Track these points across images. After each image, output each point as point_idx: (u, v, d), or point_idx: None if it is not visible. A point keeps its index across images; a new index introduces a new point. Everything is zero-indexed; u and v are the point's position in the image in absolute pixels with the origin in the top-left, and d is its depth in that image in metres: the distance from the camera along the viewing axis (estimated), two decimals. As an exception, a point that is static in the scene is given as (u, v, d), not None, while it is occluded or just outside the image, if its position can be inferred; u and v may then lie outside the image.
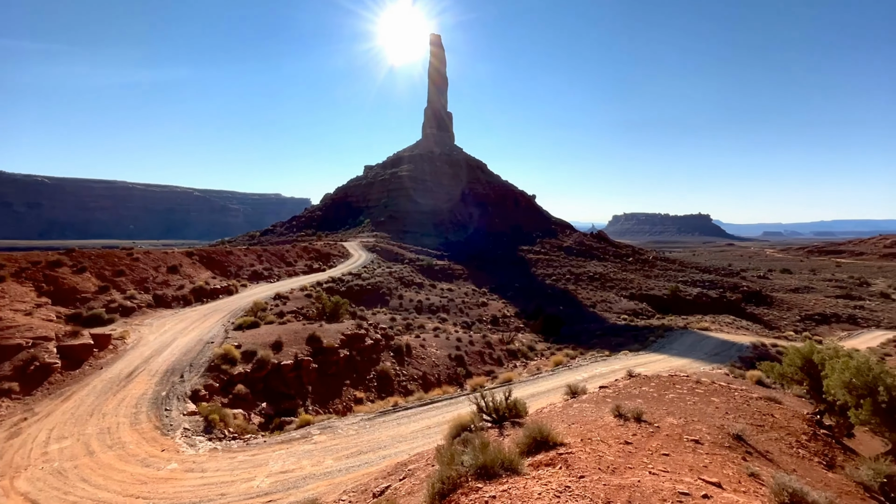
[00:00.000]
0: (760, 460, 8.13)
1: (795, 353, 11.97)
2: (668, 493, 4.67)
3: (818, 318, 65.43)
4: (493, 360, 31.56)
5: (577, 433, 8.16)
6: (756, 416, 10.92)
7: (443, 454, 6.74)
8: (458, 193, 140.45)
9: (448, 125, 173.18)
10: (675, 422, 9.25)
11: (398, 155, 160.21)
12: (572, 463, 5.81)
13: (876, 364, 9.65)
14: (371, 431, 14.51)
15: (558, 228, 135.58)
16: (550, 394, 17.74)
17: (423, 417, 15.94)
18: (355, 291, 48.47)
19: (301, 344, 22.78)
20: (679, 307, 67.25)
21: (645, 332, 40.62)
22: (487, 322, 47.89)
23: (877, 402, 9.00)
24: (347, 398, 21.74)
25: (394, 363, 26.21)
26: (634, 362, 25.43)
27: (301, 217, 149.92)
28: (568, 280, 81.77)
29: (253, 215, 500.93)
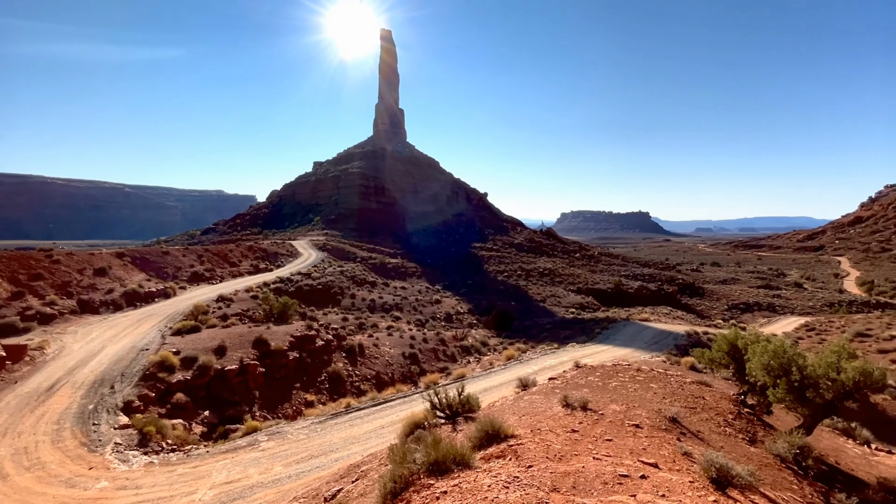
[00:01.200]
0: (693, 440, 8.76)
1: (722, 339, 12.99)
2: (610, 475, 4.93)
3: (743, 307, 71.47)
4: (446, 356, 31.77)
5: (528, 424, 8.39)
6: (689, 399, 11.75)
7: (395, 453, 6.70)
8: (410, 190, 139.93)
9: (400, 122, 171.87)
10: (618, 408, 9.75)
11: (349, 151, 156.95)
12: (522, 453, 5.97)
13: (790, 347, 10.67)
14: (322, 435, 14.15)
15: (509, 226, 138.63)
16: (503, 387, 18.12)
17: (377, 417, 15.77)
18: (305, 291, 47.01)
19: (247, 348, 21.79)
20: (622, 300, 70.99)
21: (591, 325, 42.47)
22: (441, 319, 48.13)
23: (790, 382, 9.97)
24: (298, 402, 21.07)
25: (346, 364, 25.71)
26: (581, 353, 26.53)
27: (246, 215, 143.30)
28: (519, 276, 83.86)
29: (192, 213, 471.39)
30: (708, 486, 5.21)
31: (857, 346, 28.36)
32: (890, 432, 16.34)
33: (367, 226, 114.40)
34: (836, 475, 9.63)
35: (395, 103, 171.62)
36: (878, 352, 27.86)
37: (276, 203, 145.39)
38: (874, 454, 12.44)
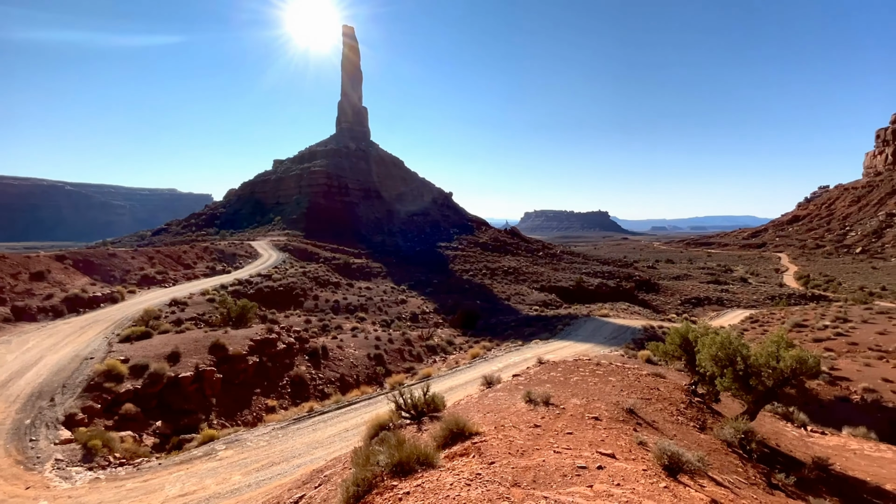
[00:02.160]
0: (648, 430, 9.14)
1: (675, 333, 13.64)
2: (569, 468, 5.07)
3: (694, 302, 75.34)
4: (412, 356, 31.67)
5: (492, 421, 8.49)
6: (645, 390, 12.26)
7: (358, 455, 6.61)
8: (374, 189, 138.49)
9: (364, 120, 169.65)
10: (579, 402, 10.04)
11: (311, 149, 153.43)
12: (485, 450, 6.04)
13: (735, 339, 11.34)
14: (284, 440, 13.77)
15: (475, 225, 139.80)
16: (468, 385, 18.26)
17: (341, 420, 15.51)
18: (265, 293, 45.58)
19: (203, 353, 20.88)
20: (583, 296, 73.18)
21: (554, 322, 43.51)
22: (407, 319, 47.92)
23: (736, 371, 10.60)
24: (258, 408, 20.41)
25: (309, 367, 25.14)
26: (544, 350, 27.13)
27: (201, 214, 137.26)
28: (484, 275, 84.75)
29: (142, 213, 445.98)
30: (660, 473, 5.47)
31: (795, 336, 30.51)
32: (823, 415, 17.67)
33: (330, 226, 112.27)
34: (776, 456, 10.33)
35: (359, 101, 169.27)
36: (813, 341, 30.08)
37: (234, 202, 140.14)
38: (810, 436, 13.43)
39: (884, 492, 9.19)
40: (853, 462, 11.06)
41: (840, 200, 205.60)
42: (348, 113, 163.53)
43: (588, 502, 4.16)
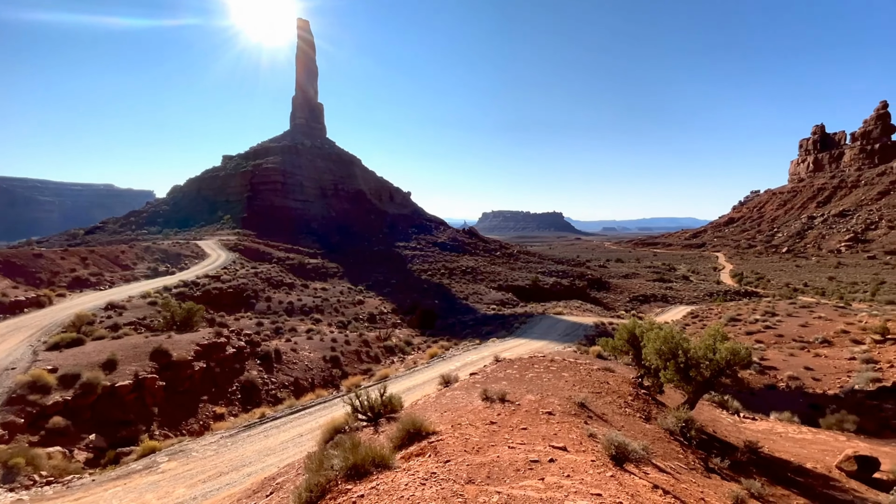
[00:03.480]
0: (598, 422, 9.53)
1: (623, 329, 14.30)
2: (522, 462, 5.20)
3: (642, 299, 79.29)
4: (370, 357, 31.26)
5: (449, 420, 8.54)
6: (596, 384, 12.77)
7: (312, 460, 6.44)
8: (330, 188, 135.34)
9: (319, 116, 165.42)
10: (534, 398, 10.30)
11: (264, 145, 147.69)
12: (441, 449, 6.06)
13: (677, 334, 12.05)
14: (234, 449, 13.18)
15: (433, 225, 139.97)
16: (426, 385, 18.26)
17: (295, 426, 15.05)
18: (214, 296, 43.43)
19: (143, 360, 19.59)
20: (539, 295, 75.12)
21: (511, 320, 44.40)
22: (364, 320, 47.25)
23: (678, 364, 11.26)
24: (205, 416, 19.40)
25: (261, 371, 24.20)
26: (501, 348, 27.62)
27: (142, 212, 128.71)
28: (443, 275, 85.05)
29: (74, 210, 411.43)
30: (608, 463, 5.71)
31: (730, 330, 32.86)
32: (754, 402, 19.13)
33: (284, 225, 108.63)
34: (713, 442, 11.07)
35: (314, 97, 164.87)
36: (745, 333, 32.52)
37: (180, 199, 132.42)
38: (742, 421, 14.50)
39: (805, 470, 10.08)
40: (779, 444, 12.05)
41: (769, 204, 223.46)
42: (303, 109, 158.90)
43: (539, 494, 4.27)
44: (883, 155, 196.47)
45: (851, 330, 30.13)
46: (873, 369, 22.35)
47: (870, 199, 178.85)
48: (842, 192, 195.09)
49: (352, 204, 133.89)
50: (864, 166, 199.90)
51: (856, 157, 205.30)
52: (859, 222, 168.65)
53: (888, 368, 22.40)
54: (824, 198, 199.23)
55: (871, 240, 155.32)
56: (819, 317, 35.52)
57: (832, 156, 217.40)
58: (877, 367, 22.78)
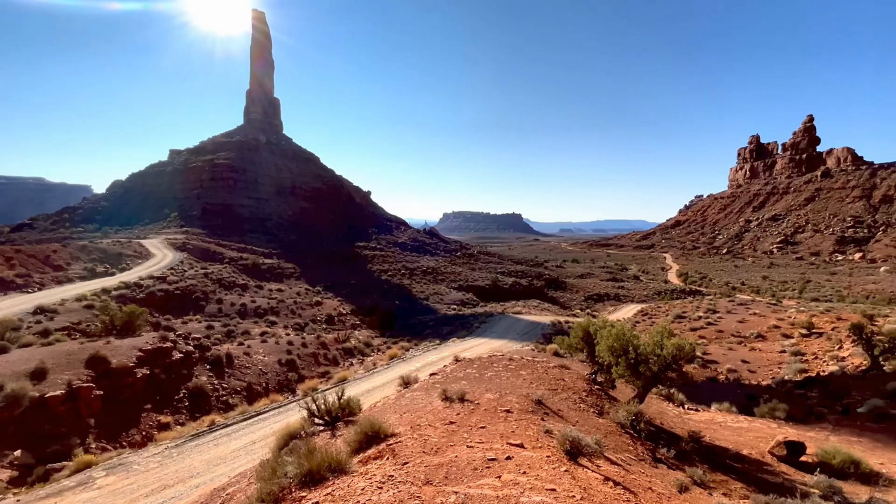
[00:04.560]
0: (554, 418, 9.78)
1: (578, 327, 14.76)
2: (480, 461, 5.25)
3: (596, 298, 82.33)
4: (328, 360, 30.56)
5: (408, 421, 8.48)
6: (552, 382, 13.10)
7: (265, 468, 6.20)
8: (287, 186, 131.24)
9: (275, 112, 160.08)
10: (492, 396, 10.42)
11: (215, 140, 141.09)
12: (399, 451, 6.01)
13: (628, 331, 12.58)
14: (180, 460, 12.48)
15: (394, 225, 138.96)
16: (385, 387, 18.07)
17: (248, 432, 14.46)
18: (159, 298, 40.99)
19: (78, 368, 18.17)
20: (499, 295, 76.28)
21: (471, 320, 44.77)
22: (322, 322, 46.14)
23: (628, 360, 11.76)
24: (148, 426, 18.26)
25: (211, 377, 23.08)
26: (461, 347, 27.80)
27: (78, 208, 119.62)
28: (403, 275, 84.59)
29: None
30: (562, 459, 5.87)
31: (676, 327, 34.73)
32: (697, 394, 20.31)
33: (237, 223, 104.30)
34: (661, 433, 11.64)
35: (270, 91, 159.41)
36: (690, 330, 34.50)
37: (121, 195, 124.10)
38: (686, 413, 15.34)
39: (742, 456, 10.81)
40: (719, 433, 12.85)
41: (711, 208, 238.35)
42: (257, 103, 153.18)
43: (496, 492, 4.33)
44: (809, 164, 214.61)
45: (782, 325, 32.64)
46: (800, 361, 24.34)
47: (798, 205, 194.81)
48: (774, 198, 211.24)
49: (309, 203, 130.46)
50: (793, 174, 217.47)
51: (786, 166, 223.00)
52: (789, 226, 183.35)
53: (813, 360, 24.46)
54: (759, 203, 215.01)
55: (798, 242, 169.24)
56: (754, 313, 38.21)
57: (766, 164, 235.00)
58: (804, 358, 24.82)
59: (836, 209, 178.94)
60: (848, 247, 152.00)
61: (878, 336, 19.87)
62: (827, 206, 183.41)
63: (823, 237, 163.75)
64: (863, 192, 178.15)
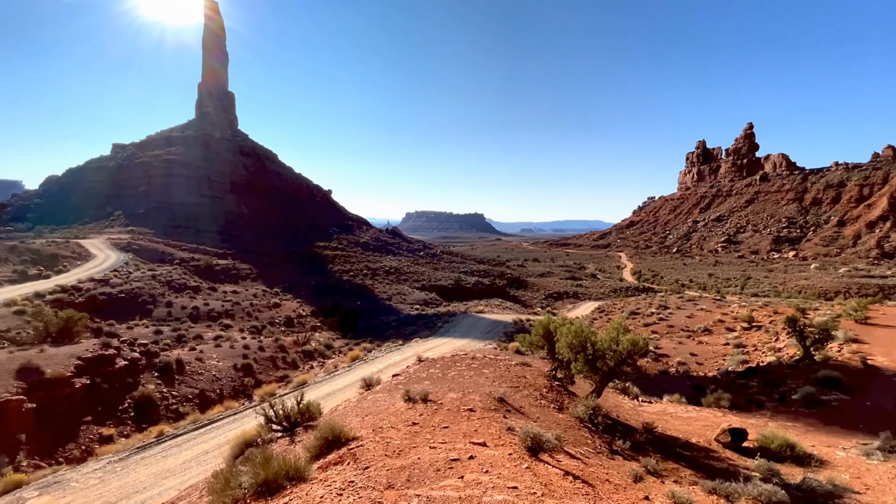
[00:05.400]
0: (516, 415, 9.92)
1: (539, 325, 15.06)
2: (443, 462, 5.22)
3: (556, 296, 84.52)
4: (287, 363, 29.65)
5: (370, 424, 8.34)
6: (514, 379, 13.30)
7: (218, 480, 5.90)
8: (244, 184, 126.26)
9: (230, 106, 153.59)
10: (455, 396, 10.43)
11: (164, 135, 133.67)
12: (361, 455, 5.89)
13: (586, 327, 12.96)
14: (124, 474, 11.69)
15: (355, 224, 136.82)
16: (347, 389, 17.73)
17: (200, 442, 13.75)
18: (101, 302, 38.38)
19: (7, 379, 16.69)
20: (462, 294, 76.80)
21: (434, 319, 44.78)
22: (281, 324, 44.76)
23: (586, 356, 12.11)
24: (88, 439, 17.03)
25: (160, 385, 21.83)
26: (425, 347, 27.73)
27: (6, 206, 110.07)
28: (365, 275, 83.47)
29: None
30: (524, 456, 5.95)
31: (630, 323, 36.22)
32: (650, 387, 21.25)
33: (188, 222, 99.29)
34: (617, 426, 12.06)
35: (225, 84, 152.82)
36: (643, 325, 36.08)
37: (56, 192, 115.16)
38: (640, 405, 16.01)
39: (691, 444, 11.39)
40: (670, 423, 13.49)
41: (662, 209, 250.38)
42: (211, 97, 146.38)
43: (458, 493, 4.32)
44: (749, 169, 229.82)
45: (726, 319, 34.73)
46: (742, 353, 25.99)
47: (739, 207, 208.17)
48: (718, 200, 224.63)
49: (267, 201, 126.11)
50: (735, 178, 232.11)
51: (729, 170, 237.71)
52: (732, 226, 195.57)
53: (753, 351, 26.18)
54: (705, 205, 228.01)
55: (740, 241, 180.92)
56: (701, 309, 40.45)
57: (711, 168, 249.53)
58: (745, 350, 26.52)
59: (772, 211, 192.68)
60: (783, 246, 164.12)
61: (809, 328, 21.52)
62: (765, 208, 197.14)
63: (762, 237, 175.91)
64: (796, 196, 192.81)
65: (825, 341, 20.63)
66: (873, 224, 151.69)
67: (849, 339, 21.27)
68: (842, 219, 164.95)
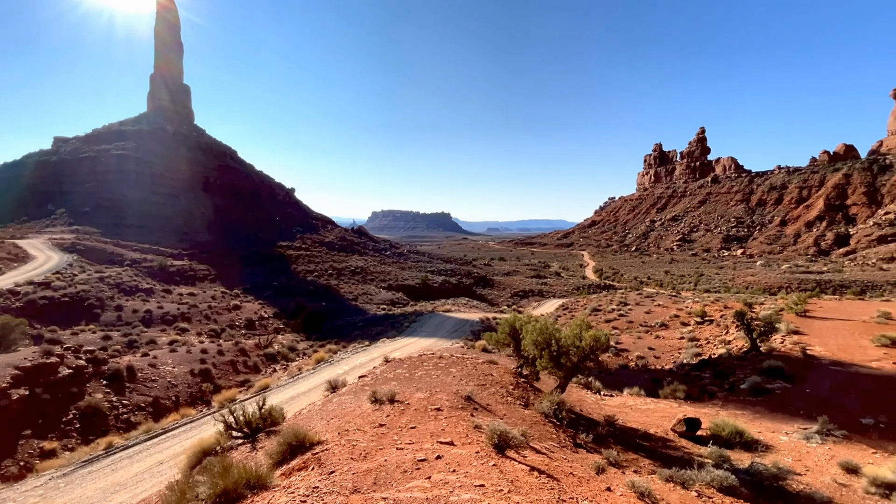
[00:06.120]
0: (483, 413, 10.00)
1: (505, 323, 15.25)
2: (410, 463, 5.19)
3: (521, 294, 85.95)
4: (248, 367, 28.66)
5: (336, 427, 8.18)
6: (481, 377, 13.41)
7: (173, 492, 5.61)
8: (200, 181, 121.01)
9: (185, 100, 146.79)
10: (422, 396, 10.40)
11: (113, 128, 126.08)
12: (326, 460, 5.75)
13: (550, 325, 13.23)
14: (69, 490, 10.95)
15: (320, 224, 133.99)
16: (312, 392, 17.34)
17: (154, 453, 13.08)
18: (42, 307, 35.80)
19: (-70, 393, 15.25)
20: (429, 293, 76.73)
21: (401, 319, 44.51)
22: (242, 327, 43.23)
23: (551, 352, 12.37)
24: (28, 454, 15.82)
25: (108, 393, 20.56)
26: (392, 348, 27.51)
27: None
28: (330, 275, 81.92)
29: None
30: (491, 453, 6.01)
31: (593, 319, 37.35)
32: (612, 381, 21.99)
33: (140, 221, 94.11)
34: (580, 420, 12.40)
35: (179, 77, 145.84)
36: (605, 321, 37.28)
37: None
38: (603, 399, 16.52)
39: (650, 435, 11.86)
40: (630, 416, 13.99)
41: (622, 209, 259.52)
42: (165, 89, 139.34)
43: (425, 494, 4.29)
44: (702, 171, 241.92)
45: (681, 314, 36.43)
46: (696, 346, 27.33)
47: (693, 207, 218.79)
48: (674, 201, 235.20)
49: (226, 200, 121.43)
50: (689, 180, 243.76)
51: (683, 172, 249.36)
52: (686, 226, 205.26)
53: (706, 344, 27.58)
54: (662, 205, 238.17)
55: (694, 240, 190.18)
56: (658, 305, 42.24)
57: (667, 170, 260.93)
58: (698, 343, 27.90)
59: (722, 211, 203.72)
60: (732, 244, 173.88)
61: (755, 321, 22.90)
62: (716, 209, 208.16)
63: (713, 236, 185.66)
64: (743, 197, 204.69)
65: (770, 333, 22.02)
66: (811, 224, 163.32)
67: (790, 331, 22.79)
68: (784, 219, 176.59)
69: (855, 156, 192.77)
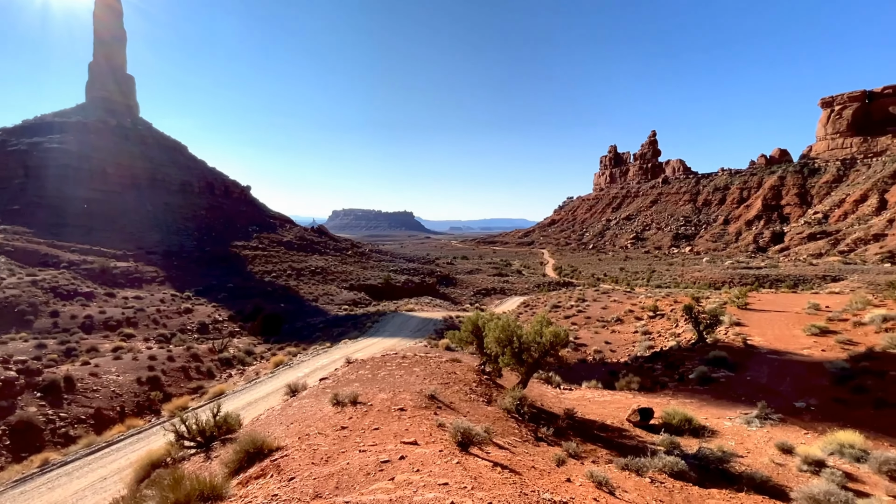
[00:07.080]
0: (447, 411, 10.04)
1: (468, 321, 15.37)
2: (373, 465, 5.13)
3: (484, 292, 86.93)
4: (201, 373, 27.37)
5: (296, 432, 7.96)
6: (444, 375, 13.45)
7: (118, 509, 5.26)
8: (147, 178, 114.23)
9: (129, 91, 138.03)
10: (386, 396, 10.31)
11: (45, 120, 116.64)
12: (285, 466, 5.58)
13: (512, 322, 13.46)
14: (-3, 513, 10.06)
15: (278, 223, 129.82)
16: (270, 397, 16.79)
17: (97, 468, 12.23)
18: (-36, 314, 32.60)
19: None
20: (392, 293, 76.13)
21: (363, 319, 43.91)
22: (194, 331, 41.22)
23: (513, 349, 12.59)
24: (-52, 477, 14.36)
25: (43, 406, 19.05)
26: (354, 349, 27.08)
27: None
28: (289, 276, 79.61)
29: None
30: (454, 451, 6.04)
31: (553, 316, 38.33)
32: (571, 375, 22.67)
33: (79, 220, 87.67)
34: (541, 414, 12.70)
35: (122, 66, 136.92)
36: (564, 318, 38.36)
37: None
38: (562, 393, 17.00)
39: (607, 426, 12.32)
40: (589, 408, 14.48)
41: (580, 209, 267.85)
42: (105, 79, 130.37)
43: (389, 496, 4.26)
44: (653, 172, 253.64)
45: (635, 309, 38.05)
46: (649, 339, 28.65)
47: (645, 207, 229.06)
48: (628, 201, 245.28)
49: (176, 197, 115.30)
50: (641, 181, 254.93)
51: (637, 173, 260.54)
52: (639, 225, 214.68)
53: (658, 337, 28.97)
54: (617, 205, 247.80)
55: (646, 238, 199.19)
56: (614, 300, 43.92)
57: (622, 171, 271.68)
58: (651, 337, 29.26)
59: (672, 211, 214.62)
60: (681, 242, 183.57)
61: (702, 315, 24.30)
62: (666, 208, 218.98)
63: (664, 234, 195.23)
64: (691, 197, 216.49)
65: (715, 326, 23.41)
66: (751, 223, 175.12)
67: (733, 323, 24.34)
68: (727, 218, 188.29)
69: (788, 159, 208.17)
